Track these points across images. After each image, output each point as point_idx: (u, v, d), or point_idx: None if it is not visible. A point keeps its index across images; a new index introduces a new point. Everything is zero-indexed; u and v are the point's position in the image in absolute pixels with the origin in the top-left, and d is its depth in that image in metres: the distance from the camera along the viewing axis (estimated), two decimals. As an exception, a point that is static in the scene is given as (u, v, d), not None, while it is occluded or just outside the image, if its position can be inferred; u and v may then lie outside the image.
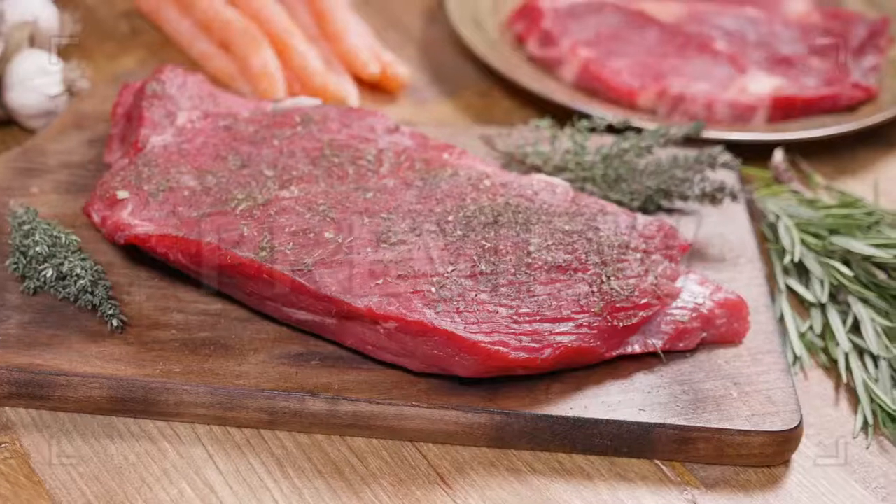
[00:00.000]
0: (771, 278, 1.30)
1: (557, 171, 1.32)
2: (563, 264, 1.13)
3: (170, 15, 1.63)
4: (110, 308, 1.12)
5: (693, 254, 1.28)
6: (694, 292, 1.16)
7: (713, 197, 1.30)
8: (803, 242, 1.30)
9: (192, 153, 1.23)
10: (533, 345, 1.07)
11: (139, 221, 1.15)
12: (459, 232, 1.15)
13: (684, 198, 1.30)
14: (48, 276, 1.14)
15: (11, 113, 1.44)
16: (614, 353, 1.12)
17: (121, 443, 1.07)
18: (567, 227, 1.16)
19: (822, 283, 1.26)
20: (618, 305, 1.11)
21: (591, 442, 1.08)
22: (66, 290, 1.14)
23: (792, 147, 1.52)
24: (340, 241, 1.12)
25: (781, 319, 1.25)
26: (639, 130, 1.40)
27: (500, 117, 1.58)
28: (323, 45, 1.61)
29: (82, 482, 1.03)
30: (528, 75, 1.60)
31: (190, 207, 1.17)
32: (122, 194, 1.18)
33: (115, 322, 1.12)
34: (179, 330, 1.13)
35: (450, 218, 1.16)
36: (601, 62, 1.62)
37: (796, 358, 1.21)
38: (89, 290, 1.13)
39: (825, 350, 1.23)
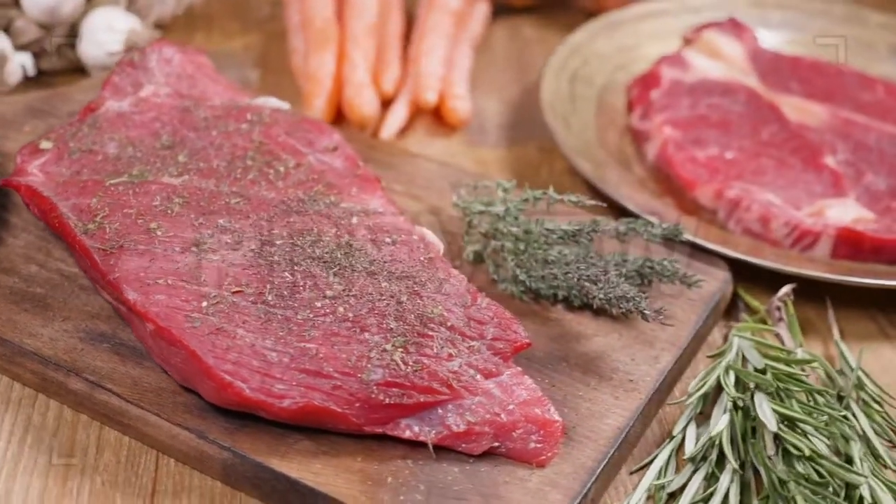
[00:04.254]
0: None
1: (489, 237, 1.21)
2: (352, 319, 1.03)
3: (292, 7, 1.66)
4: (-33, 243, 1.18)
5: (579, 361, 1.12)
6: (509, 396, 1.02)
7: (618, 307, 1.13)
8: (723, 390, 1.10)
9: (136, 124, 1.26)
10: (275, 389, 0.99)
11: (37, 172, 1.20)
12: (275, 257, 1.08)
13: (591, 298, 1.14)
14: (-59, 203, 1.22)
15: (81, 61, 1.54)
16: (378, 430, 1.01)
17: (-82, 365, 1.13)
18: (384, 285, 1.06)
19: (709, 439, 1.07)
20: (391, 380, 1.00)
21: (307, 511, 0.99)
22: (-51, 219, 1.21)
23: (831, 288, 1.29)
24: (160, 234, 1.10)
25: (649, 464, 1.07)
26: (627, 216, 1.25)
27: (544, 177, 1.46)
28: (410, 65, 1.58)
29: None
30: (585, 141, 1.47)
31: (91, 172, 1.20)
32: (44, 145, 1.23)
33: (-34, 257, 1.17)
34: (22, 280, 1.16)
35: (278, 242, 1.10)
36: (681, 146, 1.45)
37: (623, 510, 1.04)
38: (-37, 222, 1.19)
39: (666, 513, 1.04)
